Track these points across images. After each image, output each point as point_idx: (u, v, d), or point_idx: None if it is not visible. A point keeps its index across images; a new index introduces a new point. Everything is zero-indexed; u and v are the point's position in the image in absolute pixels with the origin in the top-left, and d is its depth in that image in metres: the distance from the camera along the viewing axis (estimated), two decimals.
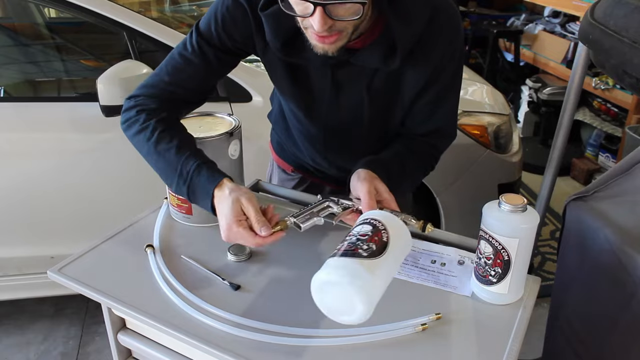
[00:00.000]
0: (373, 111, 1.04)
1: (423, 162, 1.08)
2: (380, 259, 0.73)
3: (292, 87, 1.04)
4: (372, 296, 0.71)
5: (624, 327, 1.01)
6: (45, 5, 2.21)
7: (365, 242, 0.74)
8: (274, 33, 0.93)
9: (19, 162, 1.76)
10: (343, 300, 0.71)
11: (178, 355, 0.90)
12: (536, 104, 3.59)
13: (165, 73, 1.00)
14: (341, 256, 0.72)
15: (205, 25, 0.99)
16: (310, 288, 0.73)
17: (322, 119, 1.08)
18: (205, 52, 0.98)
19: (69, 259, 0.96)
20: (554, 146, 1.77)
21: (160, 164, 0.93)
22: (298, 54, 0.95)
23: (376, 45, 0.93)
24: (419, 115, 1.05)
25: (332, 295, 0.72)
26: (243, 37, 0.98)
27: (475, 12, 4.45)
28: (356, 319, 0.71)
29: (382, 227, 0.77)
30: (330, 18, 0.80)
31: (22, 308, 2.18)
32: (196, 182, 0.89)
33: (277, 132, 1.30)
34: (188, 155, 0.91)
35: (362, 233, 0.76)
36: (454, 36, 0.97)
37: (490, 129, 2.00)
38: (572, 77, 1.68)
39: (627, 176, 1.14)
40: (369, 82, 0.99)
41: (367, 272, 0.70)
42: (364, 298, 0.69)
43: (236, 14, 0.96)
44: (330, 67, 0.98)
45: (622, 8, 1.16)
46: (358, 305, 0.70)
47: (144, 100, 0.98)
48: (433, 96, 1.02)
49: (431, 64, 0.97)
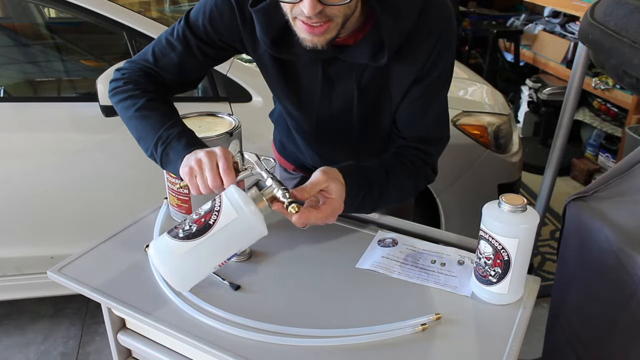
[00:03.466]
0: (363, 107, 1.03)
1: (413, 172, 1.00)
2: (195, 242, 0.77)
3: (282, 84, 1.04)
4: (179, 275, 0.78)
5: (623, 327, 1.01)
6: (45, 5, 2.21)
7: (190, 222, 0.78)
8: (263, 29, 0.93)
9: (19, 162, 1.76)
10: None
11: (178, 355, 0.90)
12: (536, 104, 3.59)
13: (151, 54, 1.03)
14: (168, 233, 0.79)
15: (194, 16, 1.01)
16: None
17: (314, 116, 1.08)
18: (189, 42, 1.00)
19: (69, 259, 0.96)
20: (553, 146, 1.77)
21: (141, 126, 0.95)
22: (288, 49, 0.95)
23: (365, 41, 0.92)
24: (408, 114, 1.02)
25: None
26: (229, 33, 0.99)
27: (475, 12, 4.45)
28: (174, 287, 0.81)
29: (217, 208, 0.78)
30: (320, 2, 0.80)
31: (21, 308, 2.18)
32: (174, 145, 0.90)
33: (278, 131, 1.30)
34: (174, 122, 0.93)
35: (198, 211, 0.80)
36: (444, 32, 0.94)
37: (490, 129, 2.00)
38: (572, 77, 1.68)
39: (627, 176, 1.14)
40: (358, 78, 0.99)
41: (172, 253, 0.77)
42: (169, 277, 0.78)
43: (224, 10, 0.97)
44: (320, 63, 0.98)
45: (622, 8, 1.16)
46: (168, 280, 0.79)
47: (131, 73, 1.02)
48: (422, 93, 0.99)
49: (420, 60, 0.95)
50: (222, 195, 0.80)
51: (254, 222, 0.79)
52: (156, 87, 1.01)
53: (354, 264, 0.96)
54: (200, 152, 0.85)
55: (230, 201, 0.78)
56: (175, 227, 0.80)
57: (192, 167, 0.85)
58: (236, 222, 0.78)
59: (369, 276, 0.92)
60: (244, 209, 0.78)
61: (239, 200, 0.78)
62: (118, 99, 0.99)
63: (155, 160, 0.94)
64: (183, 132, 0.92)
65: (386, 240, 1.02)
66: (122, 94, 0.99)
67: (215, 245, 0.78)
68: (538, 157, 3.24)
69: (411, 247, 1.00)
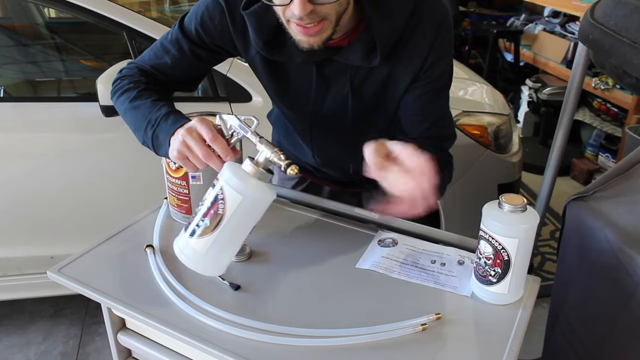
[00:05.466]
0: (357, 108, 1.03)
1: (446, 157, 1.05)
2: (214, 234, 0.79)
3: (275, 86, 1.04)
4: (213, 267, 0.83)
5: (623, 327, 1.01)
6: (45, 5, 2.21)
7: (202, 216, 0.80)
8: (256, 31, 0.93)
9: (19, 162, 1.76)
10: None
11: (178, 355, 0.90)
12: (536, 104, 3.59)
13: (148, 57, 1.05)
14: (187, 233, 0.81)
15: (187, 20, 1.02)
16: None
17: (308, 116, 1.08)
18: (182, 46, 1.01)
19: (69, 259, 0.96)
20: (554, 146, 1.77)
21: (134, 116, 0.95)
22: (281, 52, 0.95)
23: (358, 42, 0.92)
24: (411, 115, 1.02)
25: None
26: (221, 36, 1.00)
27: (475, 12, 4.45)
28: None
29: (220, 196, 0.78)
30: (310, 2, 0.80)
31: (21, 308, 2.18)
32: (163, 126, 0.90)
33: (276, 131, 1.30)
34: (162, 105, 0.93)
35: (204, 202, 0.80)
36: (439, 30, 0.93)
37: (490, 129, 2.00)
38: (572, 77, 1.68)
39: (627, 176, 1.14)
40: (352, 79, 0.99)
41: (197, 253, 0.80)
42: (206, 272, 0.83)
43: (214, 14, 0.98)
44: (314, 65, 0.98)
45: (622, 8, 1.16)
46: (206, 274, 0.85)
47: (128, 71, 1.04)
48: (423, 93, 0.98)
49: (417, 60, 0.94)
50: (220, 179, 0.79)
51: (260, 196, 0.80)
52: (154, 84, 1.02)
53: (354, 263, 0.96)
54: (181, 131, 0.85)
55: (230, 185, 0.78)
56: (189, 224, 0.81)
57: (179, 150, 0.85)
58: (244, 203, 0.78)
59: (369, 276, 0.92)
60: (246, 188, 0.78)
61: (238, 182, 0.78)
62: (116, 97, 1.01)
63: (149, 147, 0.94)
64: (170, 112, 0.92)
65: (386, 240, 1.02)
66: (119, 91, 1.01)
67: (233, 229, 0.80)
68: (538, 157, 3.24)
69: (411, 247, 1.00)
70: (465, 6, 4.56)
